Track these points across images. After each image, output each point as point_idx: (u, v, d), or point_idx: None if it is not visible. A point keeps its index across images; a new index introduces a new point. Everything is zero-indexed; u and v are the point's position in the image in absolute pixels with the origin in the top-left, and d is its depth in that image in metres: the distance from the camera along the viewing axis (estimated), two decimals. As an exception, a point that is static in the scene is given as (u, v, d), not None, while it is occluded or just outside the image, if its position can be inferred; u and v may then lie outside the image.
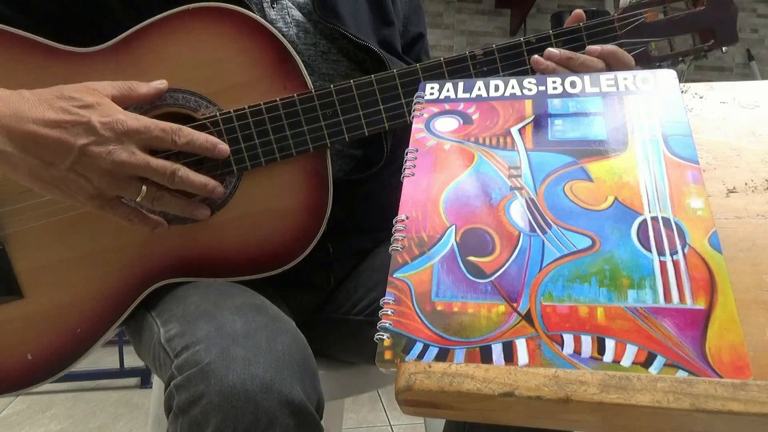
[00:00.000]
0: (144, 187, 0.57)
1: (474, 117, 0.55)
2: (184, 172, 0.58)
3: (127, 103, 0.59)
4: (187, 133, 0.58)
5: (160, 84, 0.62)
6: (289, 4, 0.74)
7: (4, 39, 0.62)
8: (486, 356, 0.40)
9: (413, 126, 0.56)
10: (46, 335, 0.62)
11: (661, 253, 0.43)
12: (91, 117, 0.53)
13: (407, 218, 0.48)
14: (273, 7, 0.73)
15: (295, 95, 0.64)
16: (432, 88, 0.59)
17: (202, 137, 0.59)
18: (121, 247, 0.64)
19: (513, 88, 0.57)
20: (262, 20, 0.64)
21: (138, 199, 0.57)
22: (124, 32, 0.64)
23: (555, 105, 0.55)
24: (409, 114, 0.60)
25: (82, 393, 1.79)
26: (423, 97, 0.58)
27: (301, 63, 0.65)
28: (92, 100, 0.54)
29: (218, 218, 0.65)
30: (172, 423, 0.50)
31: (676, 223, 0.44)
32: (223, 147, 0.61)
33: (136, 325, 0.66)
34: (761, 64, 3.13)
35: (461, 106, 0.56)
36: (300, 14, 0.74)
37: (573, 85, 0.56)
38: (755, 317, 0.39)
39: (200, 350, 0.50)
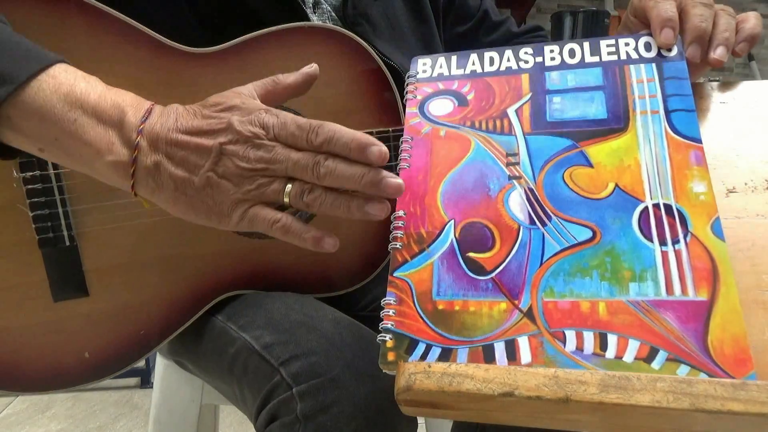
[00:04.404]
0: (289, 185, 0.49)
1: (469, 97, 0.53)
2: (331, 162, 0.47)
3: (272, 97, 0.54)
4: (327, 131, 0.47)
5: (309, 69, 0.54)
6: (328, 8, 0.73)
7: (114, 27, 0.60)
8: (489, 355, 0.40)
9: (407, 110, 0.54)
10: (107, 335, 0.62)
11: (662, 242, 0.42)
12: (231, 117, 0.49)
13: (405, 214, 0.48)
14: (315, 12, 0.72)
15: (390, 130, 0.64)
16: (424, 64, 0.56)
17: (348, 135, 0.47)
18: (198, 255, 0.64)
19: (509, 60, 0.54)
20: (374, 53, 0.64)
21: (286, 200, 0.48)
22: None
23: (553, 79, 0.52)
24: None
25: (82, 393, 1.78)
26: (415, 76, 0.56)
27: (399, 99, 0.65)
28: (236, 101, 0.51)
29: None
30: (287, 427, 0.52)
31: (678, 210, 0.43)
32: (379, 149, 0.46)
33: (192, 327, 0.66)
34: (761, 64, 3.12)
35: (455, 85, 0.54)
36: (337, 17, 0.73)
37: (572, 54, 0.53)
38: (755, 317, 0.39)
39: (320, 361, 0.53)
